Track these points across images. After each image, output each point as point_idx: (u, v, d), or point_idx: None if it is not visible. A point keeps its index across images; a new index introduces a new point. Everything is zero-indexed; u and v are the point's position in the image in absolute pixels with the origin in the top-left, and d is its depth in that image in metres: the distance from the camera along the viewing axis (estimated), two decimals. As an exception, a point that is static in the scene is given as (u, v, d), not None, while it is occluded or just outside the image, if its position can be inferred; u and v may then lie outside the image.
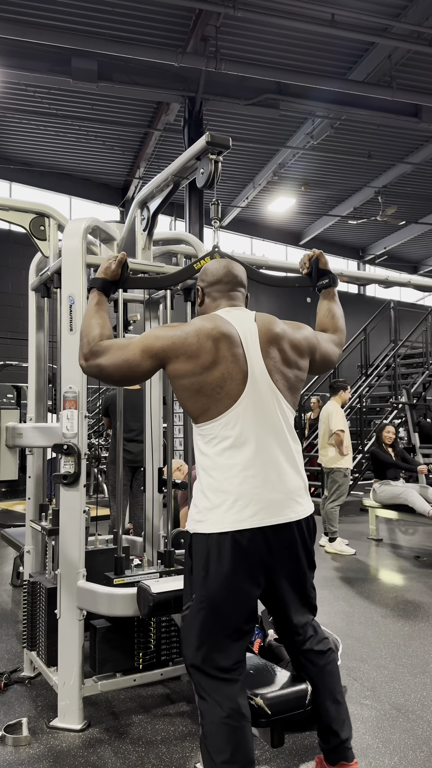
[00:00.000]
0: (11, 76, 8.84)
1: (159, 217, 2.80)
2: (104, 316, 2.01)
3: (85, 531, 2.56)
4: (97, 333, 1.94)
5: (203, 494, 1.83)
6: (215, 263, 2.07)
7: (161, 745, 2.36)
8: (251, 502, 1.75)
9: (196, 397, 1.84)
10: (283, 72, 9.06)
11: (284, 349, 1.95)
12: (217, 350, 1.83)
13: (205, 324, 1.88)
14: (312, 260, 2.31)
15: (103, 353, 1.91)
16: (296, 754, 2.31)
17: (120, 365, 1.89)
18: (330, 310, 2.30)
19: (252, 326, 1.93)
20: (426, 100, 9.58)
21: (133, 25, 8.32)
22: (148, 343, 1.88)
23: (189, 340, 1.84)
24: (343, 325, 2.30)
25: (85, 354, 1.93)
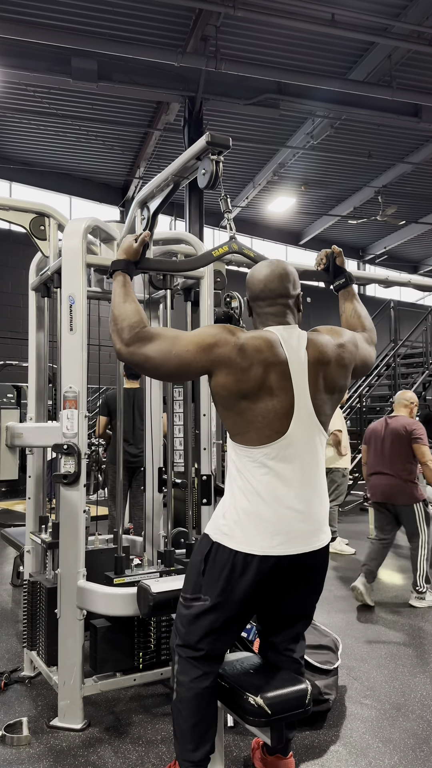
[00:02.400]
0: (11, 75, 8.83)
1: (159, 216, 2.80)
2: (136, 300, 1.94)
3: (85, 531, 2.56)
4: (138, 318, 1.85)
5: (235, 510, 1.82)
6: (254, 274, 1.94)
7: (161, 745, 2.36)
8: (282, 532, 1.79)
9: (235, 417, 1.81)
10: (283, 72, 9.06)
11: (331, 375, 1.89)
12: (265, 380, 1.77)
13: (262, 346, 1.78)
14: (329, 256, 2.24)
15: (150, 341, 1.82)
16: (296, 754, 2.31)
17: (169, 358, 1.79)
18: (355, 311, 2.22)
19: (303, 354, 1.83)
20: (426, 100, 9.58)
21: (133, 25, 8.32)
22: (202, 339, 1.79)
23: (243, 356, 1.76)
24: (372, 323, 2.24)
25: (127, 340, 1.82)
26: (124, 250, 2.03)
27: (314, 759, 2.28)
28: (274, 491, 1.79)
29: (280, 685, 1.86)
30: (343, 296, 2.25)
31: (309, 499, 1.83)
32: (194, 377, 1.90)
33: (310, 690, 1.87)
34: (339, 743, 2.39)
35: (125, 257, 2.02)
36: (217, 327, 1.85)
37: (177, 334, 1.86)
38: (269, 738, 1.84)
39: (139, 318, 1.86)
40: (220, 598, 1.82)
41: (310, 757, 2.29)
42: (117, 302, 1.92)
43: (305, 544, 1.82)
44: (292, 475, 1.80)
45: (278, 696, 1.81)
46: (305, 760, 2.27)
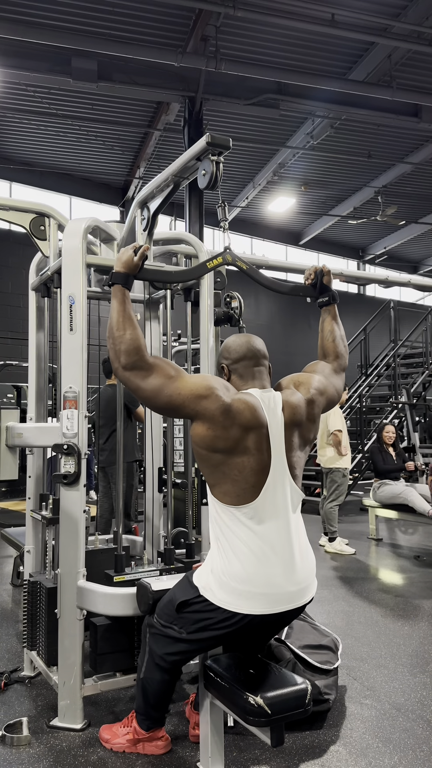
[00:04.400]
0: (11, 76, 8.84)
1: (159, 217, 2.80)
2: (134, 319, 1.95)
3: (85, 531, 2.56)
4: (135, 345, 1.89)
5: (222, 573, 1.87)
6: (235, 340, 2.05)
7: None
8: (266, 594, 1.84)
9: (211, 468, 1.88)
10: (283, 72, 9.06)
11: (303, 433, 1.98)
12: (241, 441, 1.85)
13: (246, 409, 1.86)
14: (318, 273, 2.28)
15: (146, 372, 1.88)
16: (296, 754, 2.31)
17: (160, 396, 1.87)
18: (332, 333, 2.29)
19: (279, 415, 1.92)
20: (426, 100, 9.58)
21: (133, 25, 8.32)
22: (196, 389, 1.85)
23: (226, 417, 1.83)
24: (345, 347, 2.30)
25: (124, 364, 1.89)
26: (124, 263, 2.01)
27: (314, 759, 2.28)
28: (256, 553, 1.85)
29: (280, 685, 1.86)
30: (325, 313, 2.32)
31: (291, 558, 1.88)
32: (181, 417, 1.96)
33: (310, 690, 1.88)
34: (339, 743, 2.39)
35: (124, 270, 2.01)
36: (214, 380, 1.90)
37: (173, 373, 1.90)
38: (269, 738, 1.84)
39: (137, 345, 1.89)
40: (194, 636, 1.96)
41: (310, 757, 2.29)
42: (115, 321, 1.94)
43: (290, 603, 1.89)
44: (273, 534, 1.86)
45: (278, 696, 1.81)
46: (305, 760, 2.27)
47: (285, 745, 2.33)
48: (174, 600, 2.02)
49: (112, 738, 2.33)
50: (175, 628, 2.01)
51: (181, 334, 5.24)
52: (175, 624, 2.01)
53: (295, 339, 16.82)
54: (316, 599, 4.23)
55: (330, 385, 2.14)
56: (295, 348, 16.79)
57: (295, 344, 16.83)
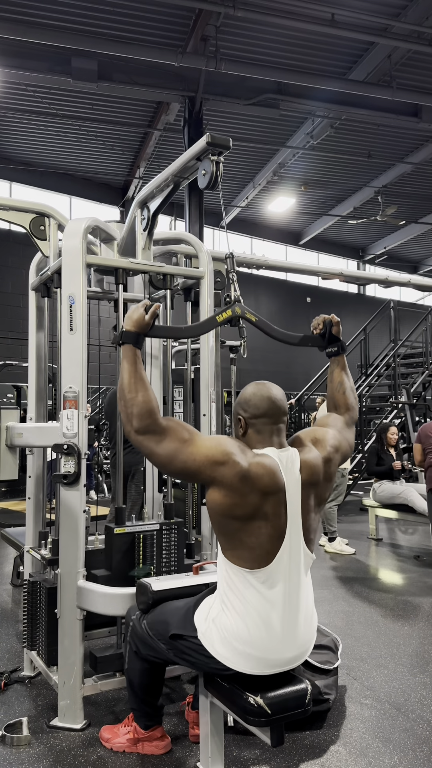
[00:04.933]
0: (11, 76, 8.84)
1: (159, 216, 2.80)
2: (146, 380, 1.90)
3: (85, 531, 2.56)
4: (148, 408, 1.83)
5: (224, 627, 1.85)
6: (256, 392, 1.94)
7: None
8: (263, 658, 1.83)
9: (227, 534, 1.84)
10: (283, 72, 9.06)
11: (319, 492, 1.94)
12: (261, 507, 1.80)
13: (265, 474, 1.80)
14: (327, 323, 2.24)
15: (159, 437, 1.83)
16: (296, 754, 2.31)
17: (174, 462, 1.81)
18: (342, 384, 2.24)
19: (297, 475, 1.87)
20: (426, 100, 9.58)
21: (133, 25, 8.32)
22: (211, 454, 1.79)
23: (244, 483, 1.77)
24: (355, 398, 2.26)
25: (137, 428, 1.83)
26: (135, 323, 1.92)
27: (314, 759, 2.28)
28: (263, 617, 1.82)
29: (280, 685, 1.86)
30: (334, 363, 2.28)
31: (295, 624, 1.87)
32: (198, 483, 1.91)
33: (310, 690, 1.87)
34: (339, 743, 2.39)
35: (136, 330, 1.92)
36: (229, 444, 1.83)
37: (187, 437, 1.83)
38: (269, 738, 1.84)
39: (150, 407, 1.84)
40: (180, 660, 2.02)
41: (310, 757, 2.29)
42: (126, 382, 1.87)
43: (285, 666, 1.88)
44: (282, 599, 1.84)
45: (278, 696, 1.81)
46: (305, 760, 2.27)
47: (285, 745, 2.34)
48: (169, 627, 2.02)
49: (112, 738, 2.33)
50: (163, 647, 2.05)
51: (181, 334, 5.22)
52: (163, 643, 2.04)
53: (295, 339, 16.81)
54: (316, 599, 4.21)
55: (344, 440, 2.09)
56: (295, 348, 16.78)
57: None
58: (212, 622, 1.90)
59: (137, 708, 2.27)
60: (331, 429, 2.09)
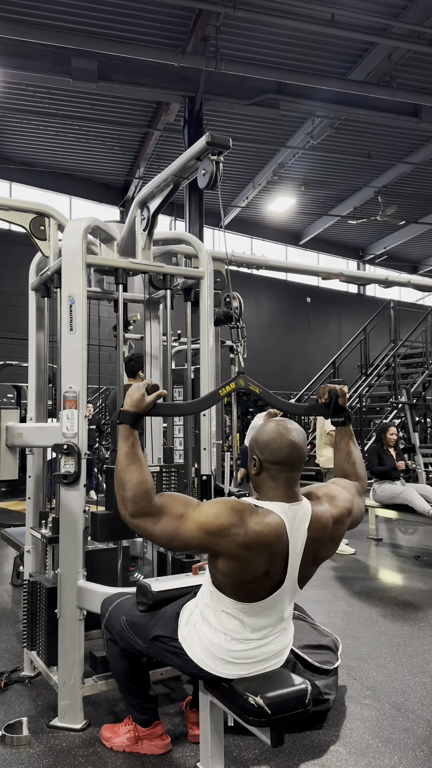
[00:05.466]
0: (11, 76, 8.84)
1: (159, 217, 2.80)
2: (143, 460, 1.84)
3: (85, 531, 2.56)
4: (142, 490, 1.78)
5: (203, 635, 1.89)
6: (276, 438, 1.84)
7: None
8: (242, 666, 1.88)
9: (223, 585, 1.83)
10: (283, 72, 9.07)
11: (322, 551, 1.91)
12: (266, 570, 1.78)
13: (270, 539, 1.75)
14: (332, 393, 2.14)
15: (154, 518, 1.78)
16: (296, 754, 2.31)
17: (174, 540, 1.77)
18: (350, 455, 2.18)
19: (303, 532, 1.82)
20: (426, 100, 9.59)
21: (133, 25, 8.32)
22: (209, 525, 1.73)
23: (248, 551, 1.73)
24: (364, 470, 2.20)
25: (132, 512, 1.78)
26: (135, 404, 1.87)
27: (314, 759, 2.28)
28: (240, 640, 1.85)
29: (280, 685, 1.86)
30: (340, 434, 2.21)
31: (273, 643, 1.90)
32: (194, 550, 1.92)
33: (310, 690, 1.87)
34: (339, 743, 2.39)
35: (135, 411, 1.87)
36: (226, 512, 1.74)
37: (182, 512, 1.77)
38: (269, 738, 1.84)
39: (144, 489, 1.79)
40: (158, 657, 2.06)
41: (310, 757, 2.29)
42: (122, 465, 1.83)
43: (262, 671, 1.91)
44: (263, 626, 1.87)
45: (278, 696, 1.81)
46: (305, 760, 2.27)
47: (285, 745, 2.33)
48: (151, 629, 2.04)
49: (113, 737, 2.34)
50: (142, 645, 2.08)
51: (181, 334, 5.24)
52: (143, 642, 2.07)
53: (295, 339, 16.83)
54: (316, 599, 4.23)
55: (356, 506, 2.04)
56: (295, 348, 16.80)
57: (295, 344, 16.85)
58: (193, 627, 1.94)
59: (127, 700, 2.29)
60: (345, 491, 2.04)
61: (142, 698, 2.27)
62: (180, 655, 1.96)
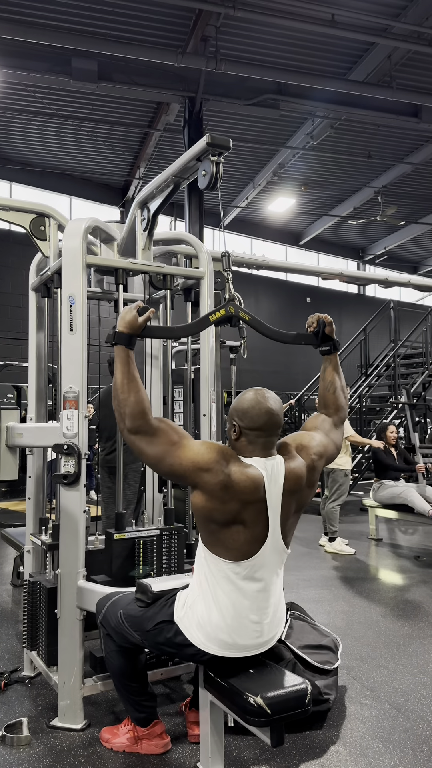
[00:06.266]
0: (11, 76, 8.84)
1: (159, 217, 2.81)
2: (139, 381, 1.93)
3: (85, 531, 2.56)
4: (140, 408, 1.88)
5: (199, 615, 1.93)
6: (254, 405, 1.92)
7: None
8: (235, 645, 1.93)
9: (207, 532, 1.90)
10: (283, 72, 9.06)
11: (301, 498, 1.97)
12: (238, 514, 1.84)
13: (246, 486, 1.83)
14: (320, 322, 2.23)
15: (149, 437, 1.88)
16: (296, 754, 2.31)
17: (162, 463, 1.87)
18: (333, 383, 2.26)
19: (279, 485, 1.89)
20: (426, 100, 9.58)
21: (133, 25, 8.32)
22: (197, 460, 1.84)
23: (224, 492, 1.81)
24: (346, 398, 2.27)
25: (129, 428, 1.88)
26: (128, 324, 1.95)
27: (314, 759, 2.28)
28: (236, 608, 1.90)
29: (280, 685, 1.86)
30: (326, 362, 2.29)
31: (264, 614, 1.94)
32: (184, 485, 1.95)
33: (310, 690, 1.88)
34: (339, 743, 2.39)
35: (128, 331, 1.95)
36: (215, 451, 1.86)
37: (176, 440, 1.88)
38: (269, 738, 1.84)
39: (142, 408, 1.89)
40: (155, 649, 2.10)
41: (310, 757, 2.29)
42: (119, 383, 1.92)
43: (255, 650, 1.96)
44: (255, 593, 1.91)
45: (278, 696, 1.81)
46: (305, 760, 2.27)
47: (285, 745, 2.34)
48: (147, 621, 2.06)
49: (112, 737, 2.34)
50: (138, 637, 2.09)
51: (181, 334, 5.23)
52: (139, 634, 2.09)
53: (295, 339, 16.81)
54: (316, 599, 4.23)
55: (330, 443, 2.13)
56: (295, 348, 16.79)
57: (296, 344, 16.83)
58: (189, 608, 1.98)
59: (124, 698, 2.29)
60: (317, 434, 2.12)
61: (139, 696, 2.27)
62: (176, 643, 1.98)
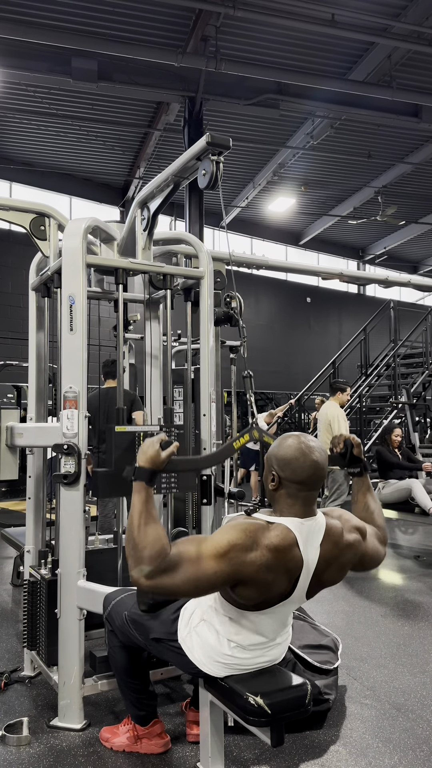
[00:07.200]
0: (11, 76, 8.83)
1: (159, 217, 2.81)
2: (157, 518, 1.76)
3: (85, 531, 2.56)
4: (159, 547, 1.68)
5: (208, 639, 1.90)
6: (299, 457, 1.77)
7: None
8: (240, 668, 1.90)
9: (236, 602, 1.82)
10: (283, 72, 9.06)
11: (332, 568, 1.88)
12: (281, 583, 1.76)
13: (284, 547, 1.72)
14: (347, 443, 2.12)
15: (174, 570, 1.68)
16: (296, 754, 2.31)
17: (194, 582, 1.69)
18: (368, 507, 2.13)
19: (317, 548, 1.80)
20: (426, 100, 9.58)
21: (133, 25, 8.32)
22: (222, 550, 1.68)
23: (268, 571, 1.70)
24: (384, 521, 2.15)
25: (148, 573, 1.67)
26: (150, 460, 1.80)
27: (314, 759, 2.28)
28: (240, 642, 1.86)
29: (280, 685, 1.86)
30: (357, 485, 2.16)
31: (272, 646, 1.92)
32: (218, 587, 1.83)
33: (310, 690, 1.87)
34: (339, 743, 2.39)
35: (150, 467, 1.80)
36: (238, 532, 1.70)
37: (196, 551, 1.70)
38: (269, 738, 1.84)
39: (161, 545, 1.69)
40: (159, 656, 2.11)
41: (310, 757, 2.29)
42: (137, 523, 1.73)
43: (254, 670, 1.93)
44: (266, 632, 1.87)
45: (278, 696, 1.81)
46: (305, 760, 2.27)
47: (285, 745, 2.34)
48: (150, 631, 2.05)
49: (112, 737, 2.34)
50: (141, 641, 2.10)
51: (181, 334, 5.24)
52: (143, 639, 2.09)
53: (295, 339, 16.82)
54: (316, 599, 4.21)
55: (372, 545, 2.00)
56: (296, 348, 16.80)
57: (295, 344, 16.83)
58: (193, 629, 1.94)
59: (125, 695, 2.29)
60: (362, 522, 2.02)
61: (140, 693, 2.27)
62: (180, 655, 1.97)
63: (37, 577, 2.78)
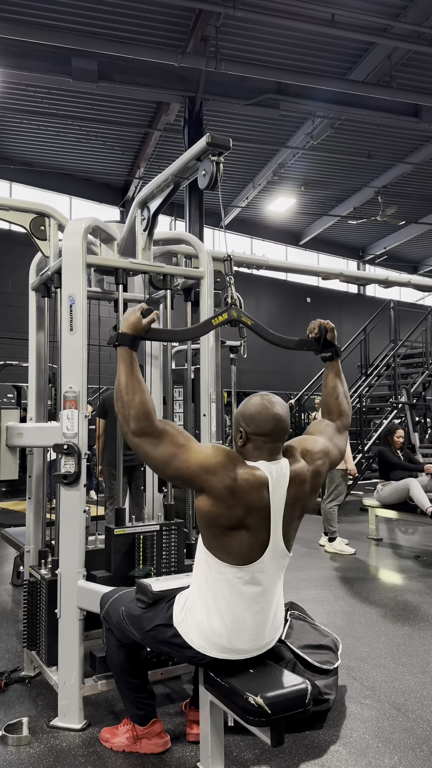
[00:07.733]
0: (11, 76, 8.84)
1: (159, 217, 2.81)
2: (143, 383, 1.91)
3: (85, 531, 2.56)
4: (144, 410, 1.85)
5: (199, 620, 1.93)
6: (261, 411, 1.90)
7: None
8: (233, 649, 1.93)
9: (210, 536, 1.89)
10: (283, 72, 9.07)
11: (304, 504, 1.97)
12: (243, 519, 1.83)
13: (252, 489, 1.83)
14: (322, 328, 2.24)
15: (155, 440, 1.85)
16: (296, 754, 2.31)
17: (168, 466, 1.84)
18: (335, 389, 2.25)
19: (283, 490, 1.89)
20: (426, 100, 9.59)
21: (133, 25, 8.32)
22: (204, 462, 1.82)
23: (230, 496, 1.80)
24: (349, 404, 2.27)
25: (134, 430, 1.85)
26: (131, 325, 1.93)
27: (314, 759, 2.28)
28: (236, 613, 1.90)
29: (280, 685, 1.86)
30: (328, 368, 2.29)
31: (265, 621, 1.96)
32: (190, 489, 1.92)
33: (310, 690, 1.88)
34: (339, 743, 2.39)
35: (132, 333, 1.93)
36: (222, 454, 1.84)
37: (182, 442, 1.86)
38: (269, 738, 1.84)
39: (146, 410, 1.85)
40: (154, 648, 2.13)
41: (310, 757, 2.29)
42: (123, 384, 1.89)
43: (253, 653, 1.97)
44: (257, 597, 1.91)
45: (278, 696, 1.81)
46: (305, 760, 2.27)
47: (285, 745, 2.34)
48: (147, 622, 2.07)
49: (112, 737, 2.34)
50: (138, 636, 2.11)
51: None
52: (139, 633, 2.10)
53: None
54: (316, 599, 4.23)
55: (334, 447, 2.12)
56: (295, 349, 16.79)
57: (295, 344, 16.84)
58: (188, 612, 1.98)
59: (124, 694, 2.29)
60: (321, 438, 2.11)
61: (138, 692, 2.28)
62: (175, 644, 1.99)
63: (37, 577, 2.79)
